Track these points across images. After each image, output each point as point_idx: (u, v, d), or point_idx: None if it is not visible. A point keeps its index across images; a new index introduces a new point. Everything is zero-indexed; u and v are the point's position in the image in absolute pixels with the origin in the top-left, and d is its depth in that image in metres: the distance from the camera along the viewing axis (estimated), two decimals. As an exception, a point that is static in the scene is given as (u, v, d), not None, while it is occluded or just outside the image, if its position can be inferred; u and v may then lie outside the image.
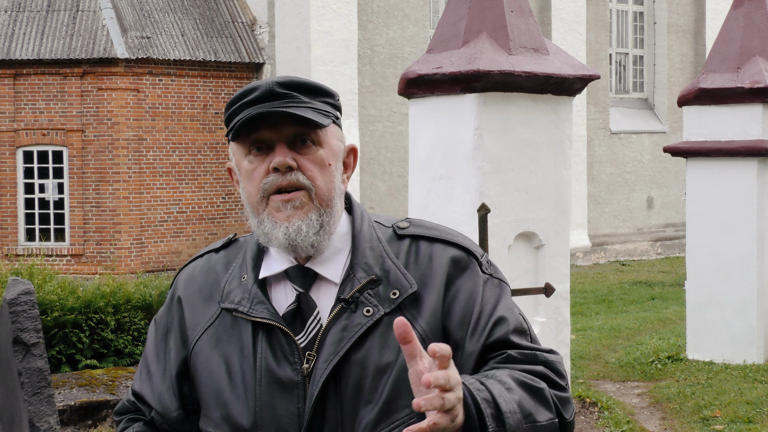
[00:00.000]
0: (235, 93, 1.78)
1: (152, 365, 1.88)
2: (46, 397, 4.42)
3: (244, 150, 1.78)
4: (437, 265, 1.79)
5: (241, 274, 1.83)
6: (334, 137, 1.80)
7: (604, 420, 6.79)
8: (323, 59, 16.06)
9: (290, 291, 1.79)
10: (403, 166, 16.43)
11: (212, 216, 16.51)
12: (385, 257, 1.78)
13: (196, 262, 1.94)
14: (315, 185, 1.75)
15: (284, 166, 1.73)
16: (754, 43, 8.59)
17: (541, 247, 6.65)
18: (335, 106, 1.81)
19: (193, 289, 1.88)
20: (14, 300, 4.47)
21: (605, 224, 19.60)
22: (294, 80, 1.76)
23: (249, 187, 1.77)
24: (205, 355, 1.80)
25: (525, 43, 6.63)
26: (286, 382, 1.72)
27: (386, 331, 1.72)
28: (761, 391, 7.38)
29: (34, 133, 15.52)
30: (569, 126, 6.80)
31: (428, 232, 1.83)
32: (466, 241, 1.85)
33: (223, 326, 1.80)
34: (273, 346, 1.75)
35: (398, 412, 1.70)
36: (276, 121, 1.73)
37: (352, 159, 1.87)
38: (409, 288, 1.75)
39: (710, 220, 8.51)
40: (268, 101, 1.73)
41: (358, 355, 1.71)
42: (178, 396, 1.84)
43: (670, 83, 20.48)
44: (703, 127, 8.63)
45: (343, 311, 1.74)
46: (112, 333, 7.88)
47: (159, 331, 1.90)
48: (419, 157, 6.80)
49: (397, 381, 1.70)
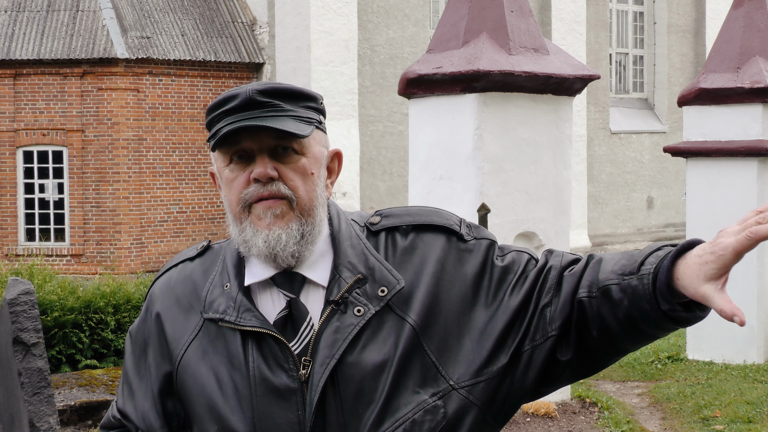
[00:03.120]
0: (215, 99, 1.74)
1: (133, 382, 1.84)
2: (46, 397, 4.42)
3: (225, 159, 1.74)
4: (420, 255, 1.76)
5: (222, 282, 1.78)
6: (317, 144, 1.76)
7: (604, 420, 6.79)
8: (323, 59, 16.05)
9: (277, 297, 1.75)
10: (403, 166, 16.43)
11: (212, 216, 16.51)
12: (367, 254, 1.75)
13: (171, 272, 1.88)
14: (297, 195, 1.71)
15: (265, 177, 1.69)
16: (754, 43, 8.59)
17: (541, 247, 6.65)
18: (318, 110, 1.77)
19: (171, 301, 1.82)
20: (14, 300, 4.47)
21: (605, 224, 19.61)
22: (274, 87, 1.72)
23: (230, 196, 1.74)
24: (193, 369, 1.76)
25: (525, 43, 6.63)
26: (283, 390, 1.69)
27: (378, 329, 1.69)
28: (761, 391, 7.38)
29: (34, 133, 15.52)
30: (569, 126, 6.80)
31: (400, 221, 1.80)
32: (438, 217, 1.81)
33: (208, 337, 1.76)
34: (265, 354, 1.71)
35: (401, 409, 1.67)
36: (257, 131, 1.70)
37: (337, 164, 1.83)
38: (396, 284, 1.72)
39: (710, 220, 8.50)
40: (248, 110, 1.69)
41: (354, 355, 1.68)
42: (162, 414, 1.80)
43: (670, 83, 20.48)
44: (703, 127, 8.63)
45: (333, 313, 1.70)
46: (112, 333, 7.88)
47: (137, 346, 1.85)
48: (419, 157, 6.80)
49: (396, 377, 1.67)
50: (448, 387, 1.70)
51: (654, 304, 1.60)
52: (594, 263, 1.73)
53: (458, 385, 1.70)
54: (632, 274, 1.63)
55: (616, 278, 1.65)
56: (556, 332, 1.70)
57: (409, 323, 1.70)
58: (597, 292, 1.67)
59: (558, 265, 1.76)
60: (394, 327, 1.70)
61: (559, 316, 1.71)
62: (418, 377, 1.69)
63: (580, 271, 1.73)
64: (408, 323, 1.70)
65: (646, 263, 1.62)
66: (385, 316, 1.71)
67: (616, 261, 1.69)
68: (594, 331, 1.69)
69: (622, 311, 1.64)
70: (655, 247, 1.66)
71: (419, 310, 1.71)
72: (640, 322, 1.64)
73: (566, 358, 1.72)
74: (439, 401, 1.69)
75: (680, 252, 1.58)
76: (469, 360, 1.71)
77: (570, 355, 1.72)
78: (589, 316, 1.69)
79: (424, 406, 1.68)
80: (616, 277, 1.66)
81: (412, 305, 1.72)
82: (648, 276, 1.60)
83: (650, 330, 1.66)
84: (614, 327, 1.67)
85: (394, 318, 1.70)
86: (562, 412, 6.89)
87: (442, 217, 1.82)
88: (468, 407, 1.70)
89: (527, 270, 1.77)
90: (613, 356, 1.75)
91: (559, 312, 1.71)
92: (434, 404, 1.68)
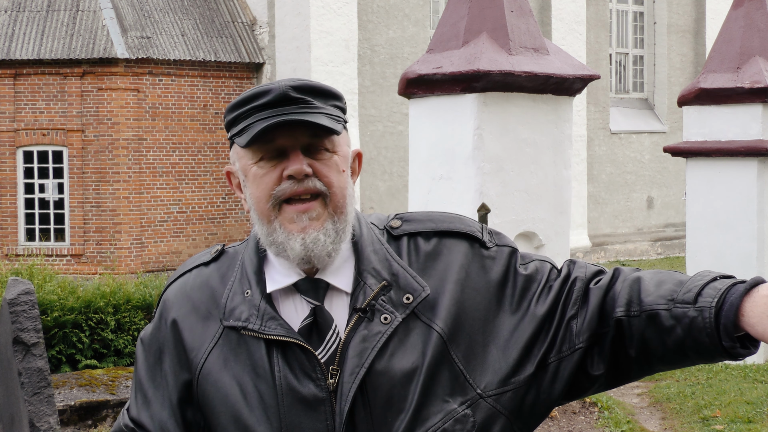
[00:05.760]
0: (243, 94, 1.69)
1: (149, 391, 1.78)
2: (46, 397, 4.42)
3: (255, 155, 1.70)
4: (443, 261, 1.74)
5: (243, 289, 1.74)
6: (344, 143, 1.74)
7: (604, 420, 6.79)
8: (323, 59, 16.06)
9: (300, 304, 1.72)
10: (403, 166, 16.43)
11: (212, 216, 16.51)
12: (390, 260, 1.73)
13: (186, 278, 1.83)
14: (331, 191, 1.68)
15: (301, 174, 1.66)
16: (754, 43, 8.59)
17: (541, 247, 6.65)
18: (343, 109, 1.75)
19: (188, 308, 1.77)
20: (14, 300, 4.47)
21: (605, 224, 19.61)
22: (307, 84, 1.69)
23: (258, 193, 1.70)
24: (215, 378, 1.71)
25: (525, 43, 6.63)
26: (311, 400, 1.65)
27: (405, 336, 1.67)
28: (761, 391, 7.38)
29: (34, 133, 15.52)
30: (569, 126, 6.79)
31: (423, 227, 1.78)
32: (461, 223, 1.79)
33: (229, 345, 1.71)
34: (291, 363, 1.67)
35: (431, 418, 1.65)
36: (292, 127, 1.66)
37: (358, 164, 1.81)
38: (422, 291, 1.69)
39: (710, 220, 8.50)
40: (281, 106, 1.66)
41: (382, 364, 1.65)
42: (182, 424, 1.75)
43: (670, 83, 20.48)
44: (703, 127, 8.63)
45: (360, 321, 1.67)
46: (112, 333, 7.88)
47: (150, 354, 1.80)
48: (419, 157, 6.80)
49: (426, 385, 1.65)
50: (476, 396, 1.67)
51: (715, 338, 1.58)
52: (630, 281, 1.70)
53: (486, 393, 1.68)
54: (687, 304, 1.60)
55: (665, 303, 1.63)
56: (583, 344, 1.69)
57: (436, 331, 1.67)
58: (641, 314, 1.65)
59: (583, 276, 1.74)
60: (421, 334, 1.67)
61: (587, 329, 1.69)
62: (446, 385, 1.66)
63: (607, 284, 1.71)
64: (435, 331, 1.67)
65: (703, 294, 1.60)
66: (411, 323, 1.68)
67: (659, 283, 1.67)
68: (632, 351, 1.67)
69: (673, 339, 1.62)
70: (709, 277, 1.63)
71: (446, 318, 1.69)
72: (692, 352, 1.63)
73: (598, 372, 1.70)
74: (468, 410, 1.66)
75: (747, 290, 1.57)
76: (495, 368, 1.69)
77: (602, 370, 1.70)
78: (627, 335, 1.67)
79: (454, 415, 1.65)
80: (664, 302, 1.63)
81: (438, 312, 1.69)
82: (709, 310, 1.58)
83: (698, 359, 1.66)
84: (659, 351, 1.65)
85: (420, 325, 1.68)
86: (562, 412, 6.89)
87: (465, 223, 1.80)
88: (496, 416, 1.68)
89: (551, 280, 1.75)
90: (645, 373, 1.74)
91: (586, 325, 1.69)
92: (464, 413, 1.66)
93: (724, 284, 1.59)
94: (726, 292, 1.58)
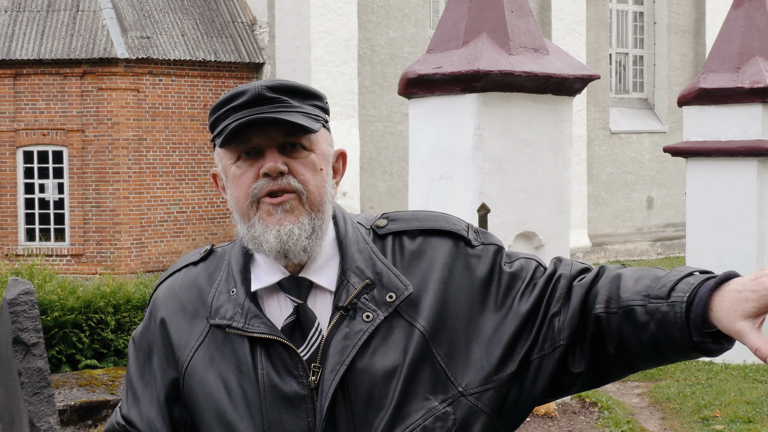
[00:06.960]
0: (221, 97, 1.72)
1: (138, 388, 1.81)
2: (46, 397, 4.42)
3: (232, 156, 1.72)
4: (427, 260, 1.75)
5: (228, 287, 1.76)
6: (324, 141, 1.75)
7: (604, 420, 6.79)
8: (323, 59, 16.05)
9: (284, 303, 1.74)
10: (403, 166, 16.43)
11: (212, 216, 16.51)
12: (375, 259, 1.74)
13: (174, 277, 1.85)
14: (307, 189, 1.70)
15: (275, 171, 1.68)
16: (754, 43, 8.59)
17: (541, 247, 6.65)
18: (324, 109, 1.77)
19: (176, 307, 1.80)
20: (14, 300, 4.47)
21: (605, 224, 19.61)
22: (283, 83, 1.71)
23: (237, 192, 1.72)
24: (200, 375, 1.74)
25: (525, 43, 6.63)
26: (293, 397, 1.67)
27: (388, 335, 1.68)
28: (761, 391, 7.38)
29: (34, 133, 15.52)
30: (569, 126, 6.79)
31: (408, 225, 1.79)
32: (446, 222, 1.80)
33: (215, 343, 1.74)
34: (273, 360, 1.69)
35: (412, 415, 1.66)
36: (266, 126, 1.68)
37: (341, 164, 1.82)
38: (405, 290, 1.70)
39: (710, 220, 8.51)
40: (256, 106, 1.68)
41: (364, 362, 1.67)
42: (169, 421, 1.77)
43: (670, 83, 20.48)
44: (703, 127, 8.63)
45: (342, 319, 1.69)
46: (112, 333, 7.88)
47: (141, 352, 1.83)
48: (419, 157, 6.80)
49: (407, 383, 1.66)
50: (457, 393, 1.68)
51: (686, 333, 1.58)
52: (611, 278, 1.71)
53: (467, 391, 1.69)
54: (660, 299, 1.61)
55: (641, 299, 1.63)
56: (564, 342, 1.69)
57: (418, 329, 1.69)
58: (618, 310, 1.66)
59: (567, 274, 1.75)
60: (403, 333, 1.69)
61: (568, 327, 1.70)
62: (428, 383, 1.68)
63: (590, 282, 1.72)
64: (417, 329, 1.69)
65: (676, 289, 1.60)
66: (393, 321, 1.69)
67: (637, 279, 1.67)
68: (611, 348, 1.68)
69: (647, 334, 1.62)
70: (684, 272, 1.64)
71: (428, 316, 1.70)
72: (665, 348, 1.63)
73: (579, 370, 1.71)
74: (448, 408, 1.68)
75: (718, 284, 1.56)
76: (477, 366, 1.70)
77: (583, 368, 1.71)
78: (606, 332, 1.68)
79: (435, 412, 1.67)
80: (640, 298, 1.63)
81: (421, 311, 1.70)
82: (681, 304, 1.58)
83: (673, 356, 1.66)
84: (635, 347, 1.66)
85: (403, 324, 1.69)
86: (562, 412, 6.89)
87: (450, 222, 1.81)
88: (477, 414, 1.69)
89: (535, 277, 1.76)
90: (626, 372, 1.75)
91: (567, 322, 1.70)
92: (444, 411, 1.67)
93: (697, 279, 1.59)
94: (698, 287, 1.58)
